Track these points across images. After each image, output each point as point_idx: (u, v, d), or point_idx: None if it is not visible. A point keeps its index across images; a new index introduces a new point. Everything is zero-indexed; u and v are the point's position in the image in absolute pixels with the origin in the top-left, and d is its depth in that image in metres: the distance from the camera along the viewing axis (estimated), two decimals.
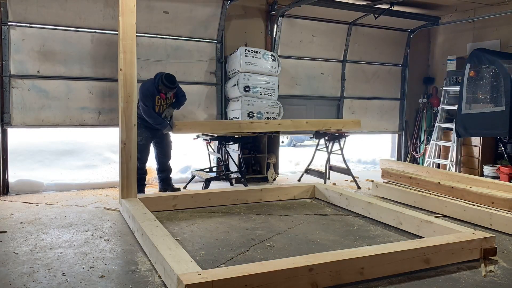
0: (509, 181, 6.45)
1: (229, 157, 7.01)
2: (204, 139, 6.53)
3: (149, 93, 5.76)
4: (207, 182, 6.21)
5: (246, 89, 6.76)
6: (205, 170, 6.81)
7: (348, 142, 7.54)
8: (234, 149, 6.85)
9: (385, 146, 9.62)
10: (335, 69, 8.26)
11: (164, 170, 6.30)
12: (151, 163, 7.68)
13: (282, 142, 12.43)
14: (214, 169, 7.04)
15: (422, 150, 8.79)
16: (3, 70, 5.85)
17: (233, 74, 7.01)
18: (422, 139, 8.83)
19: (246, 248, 3.88)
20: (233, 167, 6.87)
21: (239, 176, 6.65)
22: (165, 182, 6.31)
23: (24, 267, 3.37)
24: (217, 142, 6.67)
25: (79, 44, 6.25)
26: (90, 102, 6.38)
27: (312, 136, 7.43)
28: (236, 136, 6.49)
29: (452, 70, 7.88)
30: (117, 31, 5.63)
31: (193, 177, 6.67)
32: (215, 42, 7.11)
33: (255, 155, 7.07)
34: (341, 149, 7.05)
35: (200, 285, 2.64)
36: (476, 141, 7.40)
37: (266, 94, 6.89)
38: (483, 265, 3.52)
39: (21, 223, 4.53)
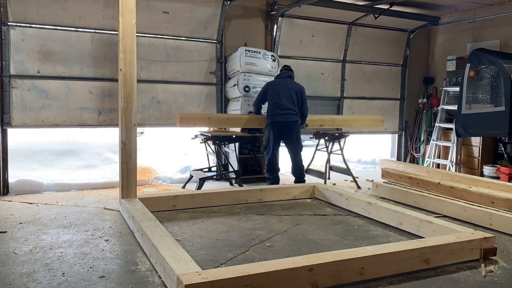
0: (509, 181, 6.45)
1: (229, 157, 7.01)
2: (202, 139, 6.53)
3: None
4: (201, 181, 6.20)
5: (246, 89, 6.76)
6: (203, 170, 6.81)
7: (348, 142, 7.54)
8: (232, 149, 6.86)
9: (385, 146, 9.62)
10: (335, 69, 8.26)
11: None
12: (151, 162, 7.72)
13: None
14: (214, 169, 7.03)
15: (422, 150, 8.79)
16: (3, 70, 5.85)
17: (233, 74, 7.01)
18: (422, 139, 8.83)
19: (246, 248, 3.88)
20: (232, 167, 6.87)
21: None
22: None
23: (24, 267, 3.37)
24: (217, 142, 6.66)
25: (79, 44, 6.25)
26: (90, 102, 6.38)
27: (312, 136, 7.43)
28: (233, 136, 6.50)
29: (452, 70, 7.89)
30: (117, 31, 5.64)
31: (191, 177, 6.67)
32: (215, 42, 7.12)
33: (255, 155, 7.07)
34: (341, 149, 7.05)
35: (200, 285, 2.64)
36: (476, 141, 7.41)
37: None
38: (483, 265, 3.52)
39: (21, 223, 4.53)
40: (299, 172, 6.41)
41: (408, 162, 8.73)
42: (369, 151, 9.85)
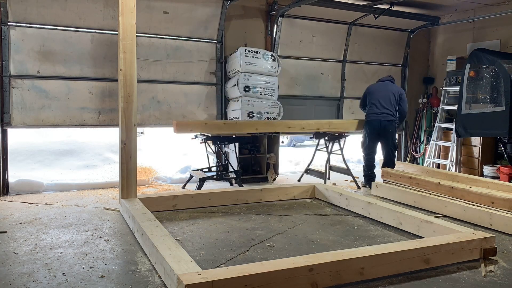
0: (509, 181, 6.45)
1: (229, 157, 7.01)
2: (202, 139, 6.53)
3: None
4: (201, 181, 6.21)
5: (246, 89, 6.76)
6: (203, 170, 6.81)
7: (348, 142, 7.54)
8: (232, 149, 6.86)
9: None
10: (335, 69, 8.26)
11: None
12: (151, 162, 7.72)
13: (282, 142, 12.47)
14: (214, 169, 7.03)
15: (422, 150, 8.79)
16: (3, 70, 5.85)
17: (233, 74, 7.01)
18: (422, 139, 8.83)
19: (246, 248, 3.88)
20: (232, 167, 6.87)
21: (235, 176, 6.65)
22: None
23: (24, 267, 3.37)
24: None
25: (79, 44, 6.25)
26: (90, 102, 6.38)
27: (312, 136, 7.43)
28: (233, 136, 6.49)
29: (452, 70, 7.88)
30: (117, 31, 5.64)
31: (191, 177, 6.67)
32: (215, 42, 7.12)
33: (255, 155, 7.06)
34: (341, 149, 7.05)
35: (200, 285, 2.64)
36: (476, 141, 7.40)
37: (266, 94, 6.89)
38: (483, 265, 3.52)
39: (21, 223, 4.53)
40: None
41: (408, 162, 8.73)
42: None
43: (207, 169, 6.91)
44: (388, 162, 6.92)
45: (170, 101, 6.90)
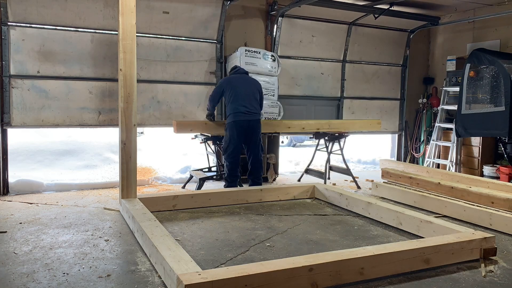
0: (509, 181, 6.45)
1: None
2: (202, 139, 6.52)
3: None
4: (201, 181, 6.21)
5: None
6: (203, 170, 6.81)
7: (348, 142, 7.54)
8: None
9: (385, 146, 9.63)
10: (335, 69, 8.26)
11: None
12: (151, 162, 7.72)
13: (282, 142, 12.48)
14: (214, 169, 7.03)
15: (422, 150, 8.80)
16: (3, 70, 5.85)
17: None
18: (422, 139, 8.84)
19: (246, 248, 3.88)
20: None
21: None
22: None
23: (24, 267, 3.37)
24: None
25: (79, 44, 6.25)
26: (90, 102, 6.38)
27: (312, 136, 7.43)
28: None
29: (452, 70, 7.89)
30: (117, 31, 5.64)
31: (191, 177, 6.67)
32: (215, 42, 7.12)
33: None
34: (341, 149, 7.05)
35: (200, 285, 2.64)
36: (476, 141, 7.41)
37: (266, 94, 6.88)
38: (483, 265, 3.52)
39: (21, 223, 4.53)
40: (259, 175, 6.13)
41: (408, 162, 8.73)
42: (369, 151, 9.85)
43: (207, 169, 6.90)
44: (258, 169, 6.11)
45: (170, 101, 6.90)
